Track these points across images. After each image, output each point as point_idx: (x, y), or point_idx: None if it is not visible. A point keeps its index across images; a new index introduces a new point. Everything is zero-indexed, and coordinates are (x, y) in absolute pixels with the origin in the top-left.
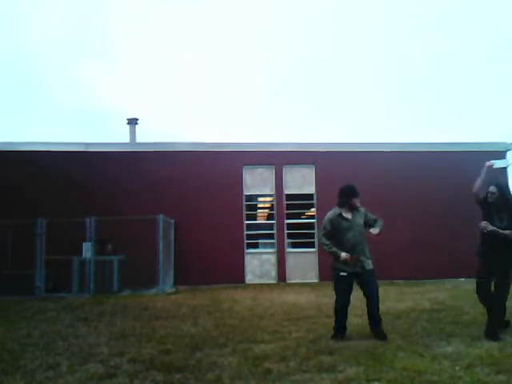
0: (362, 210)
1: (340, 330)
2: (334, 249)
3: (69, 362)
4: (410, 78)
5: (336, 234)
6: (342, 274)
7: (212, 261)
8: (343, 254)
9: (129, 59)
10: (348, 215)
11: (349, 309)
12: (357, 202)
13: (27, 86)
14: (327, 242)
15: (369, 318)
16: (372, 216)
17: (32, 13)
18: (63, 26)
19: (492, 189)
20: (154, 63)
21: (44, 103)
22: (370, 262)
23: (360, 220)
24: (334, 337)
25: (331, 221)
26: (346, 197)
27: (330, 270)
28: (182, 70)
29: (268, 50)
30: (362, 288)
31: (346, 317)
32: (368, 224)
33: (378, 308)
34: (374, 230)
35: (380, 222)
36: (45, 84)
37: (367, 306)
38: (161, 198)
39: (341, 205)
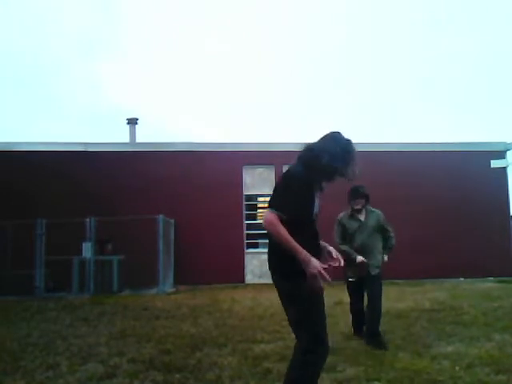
0: (378, 212)
1: (358, 328)
2: (346, 248)
3: (69, 362)
4: (409, 79)
5: (345, 234)
6: (350, 279)
7: (212, 261)
8: (359, 258)
9: (129, 59)
10: (361, 216)
11: (364, 308)
12: (356, 204)
13: (27, 86)
14: (340, 241)
15: (366, 324)
16: (386, 226)
17: (33, 13)
18: (65, 26)
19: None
20: (154, 63)
21: (44, 103)
22: (375, 267)
23: (373, 222)
24: (355, 334)
25: (339, 221)
26: (349, 199)
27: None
28: (182, 70)
29: (267, 49)
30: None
31: (362, 315)
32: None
33: (378, 317)
34: (384, 258)
35: (391, 242)
36: (45, 84)
37: (367, 309)
38: (161, 198)
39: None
